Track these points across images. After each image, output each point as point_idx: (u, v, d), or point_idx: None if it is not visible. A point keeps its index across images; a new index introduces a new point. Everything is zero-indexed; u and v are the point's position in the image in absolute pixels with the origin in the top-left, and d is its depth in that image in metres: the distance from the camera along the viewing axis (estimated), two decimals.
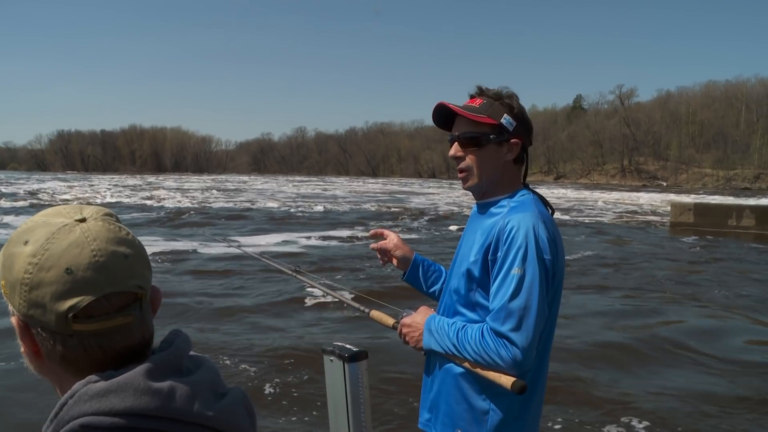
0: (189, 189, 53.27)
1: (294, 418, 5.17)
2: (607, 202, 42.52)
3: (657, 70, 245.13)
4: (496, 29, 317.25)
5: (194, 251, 14.51)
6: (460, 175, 2.13)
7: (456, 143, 2.11)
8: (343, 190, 57.75)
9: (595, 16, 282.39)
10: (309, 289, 9.46)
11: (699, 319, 8.84)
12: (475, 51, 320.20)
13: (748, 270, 13.50)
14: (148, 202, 33.97)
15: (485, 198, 2.13)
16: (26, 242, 0.91)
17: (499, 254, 1.94)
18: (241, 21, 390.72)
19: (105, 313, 0.90)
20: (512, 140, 2.08)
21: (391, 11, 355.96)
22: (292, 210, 29.94)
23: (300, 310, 8.91)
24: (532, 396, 2.03)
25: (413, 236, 19.02)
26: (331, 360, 2.03)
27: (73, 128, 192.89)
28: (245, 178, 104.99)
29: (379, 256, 2.49)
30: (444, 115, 2.16)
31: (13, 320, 0.93)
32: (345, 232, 19.57)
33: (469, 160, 2.10)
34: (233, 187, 58.90)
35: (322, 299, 9.12)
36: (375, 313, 2.30)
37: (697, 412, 5.38)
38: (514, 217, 1.96)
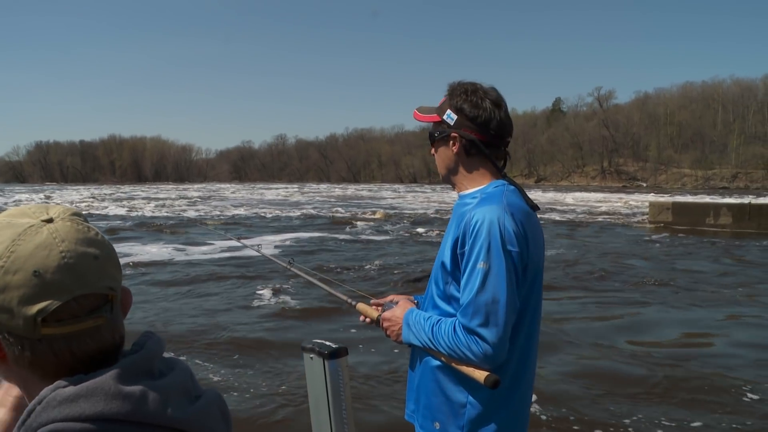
0: (158, 198, 53.24)
1: (275, 417, 5.15)
2: (587, 201, 42.80)
3: (635, 72, 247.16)
4: (475, 34, 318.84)
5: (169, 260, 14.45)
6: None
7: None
8: (307, 196, 57.95)
9: (572, 19, 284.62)
10: (262, 290, 9.47)
11: (639, 313, 8.98)
12: (455, 55, 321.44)
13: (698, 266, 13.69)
14: (121, 212, 34.02)
15: (459, 192, 2.15)
16: None
17: (465, 248, 1.94)
18: (219, 29, 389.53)
19: (74, 316, 0.88)
20: (452, 134, 2.10)
21: (370, 18, 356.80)
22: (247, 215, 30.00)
23: (271, 307, 8.95)
24: (514, 390, 2.03)
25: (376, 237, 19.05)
26: (311, 357, 2.02)
27: (51, 139, 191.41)
28: (224, 185, 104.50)
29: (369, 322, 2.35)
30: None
31: None
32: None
33: (436, 157, 2.19)
34: (198, 195, 59.03)
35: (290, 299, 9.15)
36: (361, 306, 2.31)
37: (590, 394, 5.59)
38: (479, 211, 1.95)
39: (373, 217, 29.66)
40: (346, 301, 2.37)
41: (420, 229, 22.47)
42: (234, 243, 16.48)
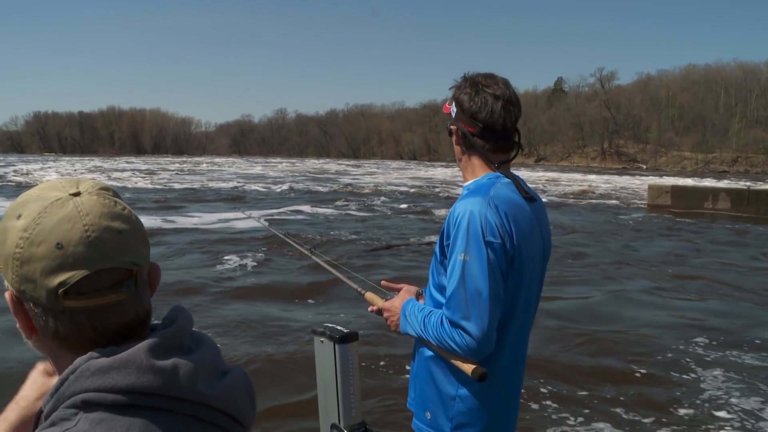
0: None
1: (284, 399, 5.19)
2: (582, 182, 42.85)
3: (637, 54, 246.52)
4: (478, 12, 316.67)
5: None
6: None
7: None
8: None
9: None
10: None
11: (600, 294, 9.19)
12: (456, 33, 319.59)
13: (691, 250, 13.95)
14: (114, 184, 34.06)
15: (463, 183, 2.16)
16: (19, 216, 0.89)
17: (449, 240, 1.95)
18: (221, 2, 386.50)
19: (96, 290, 0.88)
20: (451, 126, 2.13)
21: None
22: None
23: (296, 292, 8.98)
24: (505, 384, 2.05)
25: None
26: (322, 341, 2.03)
27: (50, 110, 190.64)
28: (220, 159, 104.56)
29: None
30: None
31: (7, 295, 0.92)
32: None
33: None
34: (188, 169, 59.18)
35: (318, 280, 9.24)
36: (369, 295, 2.33)
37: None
38: (461, 203, 1.97)
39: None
40: (356, 290, 2.40)
41: (375, 202, 22.64)
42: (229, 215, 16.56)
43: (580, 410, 5.10)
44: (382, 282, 2.38)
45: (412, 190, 33.09)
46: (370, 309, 2.31)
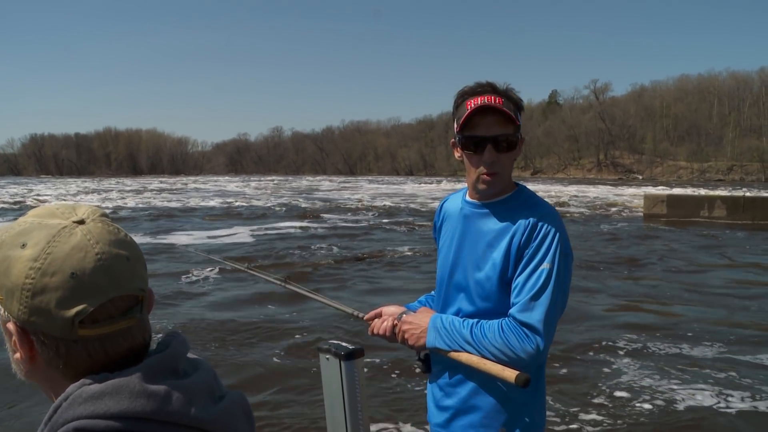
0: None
1: (291, 417, 5.18)
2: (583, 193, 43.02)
3: (631, 65, 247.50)
4: (472, 27, 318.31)
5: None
6: (488, 178, 2.05)
7: (490, 146, 2.02)
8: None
9: (569, 12, 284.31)
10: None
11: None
12: (451, 48, 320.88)
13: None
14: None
15: (495, 197, 2.10)
16: (23, 245, 0.88)
17: (528, 249, 1.96)
18: (216, 22, 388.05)
19: (110, 317, 0.89)
20: (522, 138, 2.11)
21: (365, 10, 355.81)
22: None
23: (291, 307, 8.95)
24: (538, 385, 2.08)
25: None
26: (327, 358, 2.03)
27: (46, 131, 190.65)
28: (219, 178, 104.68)
29: (384, 334, 2.19)
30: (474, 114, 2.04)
31: (10, 326, 0.89)
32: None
33: (503, 162, 2.06)
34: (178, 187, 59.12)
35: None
36: (369, 317, 2.27)
37: None
38: (544, 214, 2.01)
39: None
40: (352, 315, 2.31)
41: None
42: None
43: None
44: (366, 317, 2.27)
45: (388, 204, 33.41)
46: (375, 331, 2.20)
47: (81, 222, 0.91)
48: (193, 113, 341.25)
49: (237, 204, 34.39)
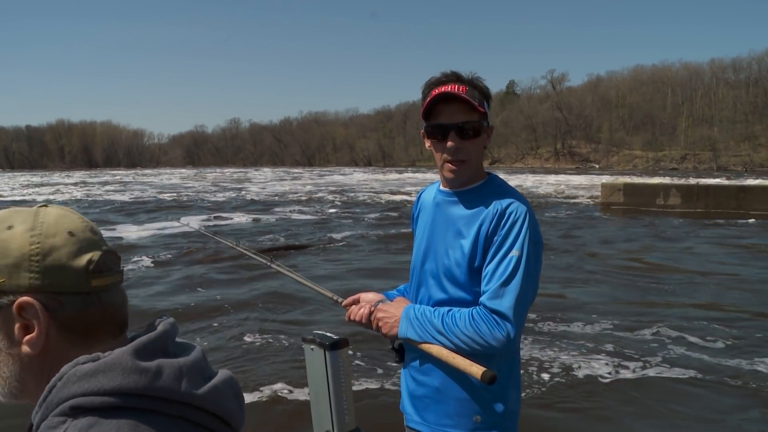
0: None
1: (276, 407, 5.20)
2: (541, 183, 43.57)
3: (587, 55, 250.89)
4: (427, 17, 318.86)
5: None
6: (453, 166, 2.07)
7: (453, 133, 2.03)
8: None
9: (525, 1, 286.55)
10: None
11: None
12: (407, 39, 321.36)
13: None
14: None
15: (465, 186, 2.12)
16: (10, 227, 0.92)
17: (496, 237, 1.97)
18: (170, 14, 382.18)
19: (109, 269, 0.95)
20: (489, 127, 2.12)
21: (321, 1, 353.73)
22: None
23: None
24: (511, 372, 2.09)
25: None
26: (312, 348, 2.01)
27: None
28: (178, 171, 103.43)
29: (360, 320, 2.19)
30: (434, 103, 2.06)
31: (24, 300, 0.90)
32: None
33: (468, 150, 2.06)
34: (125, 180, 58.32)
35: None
36: (347, 303, 2.28)
37: None
38: (512, 202, 2.02)
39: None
40: (332, 299, 2.31)
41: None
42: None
43: None
44: (344, 302, 2.28)
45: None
46: (351, 317, 2.20)
47: (44, 206, 0.98)
48: (148, 105, 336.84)
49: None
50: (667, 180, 29.53)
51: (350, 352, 2.11)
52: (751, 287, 9.68)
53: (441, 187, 2.20)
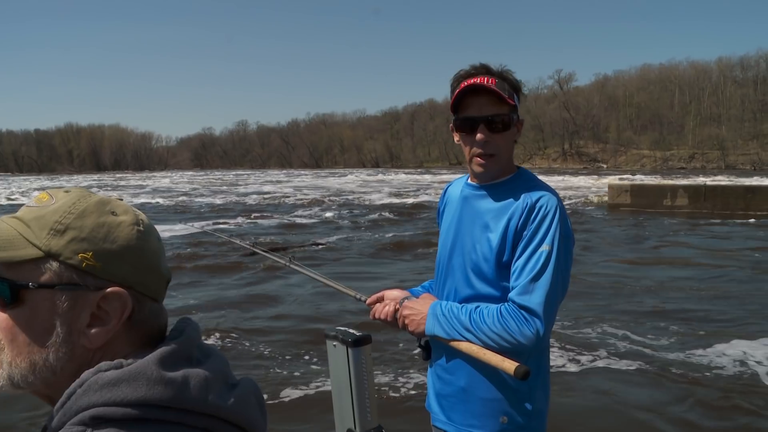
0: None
1: (299, 405, 5.24)
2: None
3: (594, 55, 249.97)
4: (432, 17, 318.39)
5: None
6: (482, 160, 2.03)
7: (483, 125, 1.99)
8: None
9: (532, 1, 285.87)
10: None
11: None
12: (413, 39, 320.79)
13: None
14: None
15: (495, 179, 2.08)
16: (114, 212, 0.91)
17: (526, 232, 1.93)
18: (177, 16, 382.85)
19: (167, 282, 0.97)
20: (520, 120, 2.08)
21: (328, 2, 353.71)
22: None
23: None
24: (539, 370, 2.05)
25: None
26: (335, 345, 2.02)
27: (4, 128, 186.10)
28: (185, 173, 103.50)
29: (385, 318, 2.14)
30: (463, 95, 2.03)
31: (114, 290, 0.88)
32: None
33: (498, 143, 2.02)
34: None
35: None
36: (372, 300, 2.23)
37: None
38: (542, 195, 1.97)
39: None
40: (354, 297, 2.27)
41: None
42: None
43: None
44: (368, 301, 2.24)
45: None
46: (376, 316, 2.15)
47: (121, 199, 0.99)
48: (156, 108, 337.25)
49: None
50: (674, 180, 29.40)
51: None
52: (700, 285, 9.95)
53: (469, 181, 2.16)
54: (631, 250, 13.80)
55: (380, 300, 2.20)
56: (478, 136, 1.99)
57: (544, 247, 1.89)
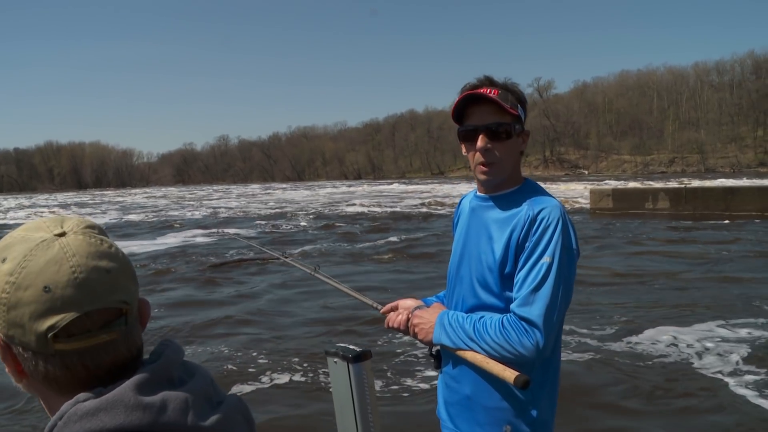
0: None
1: (300, 420, 5.19)
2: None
3: (573, 62, 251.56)
4: (412, 30, 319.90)
5: None
6: (485, 168, 2.06)
7: (483, 134, 2.03)
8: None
9: (509, 10, 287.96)
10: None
11: None
12: (393, 51, 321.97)
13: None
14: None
15: (498, 190, 2.11)
16: (4, 260, 0.87)
17: (528, 243, 1.94)
18: (154, 33, 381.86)
19: (87, 331, 0.87)
20: (525, 131, 2.11)
21: (305, 16, 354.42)
22: None
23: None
24: (545, 380, 2.05)
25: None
26: (335, 361, 2.03)
27: None
28: (167, 189, 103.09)
29: (398, 327, 2.19)
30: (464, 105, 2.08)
31: None
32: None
33: (499, 152, 2.04)
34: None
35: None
36: (386, 310, 2.29)
37: None
38: (544, 207, 1.98)
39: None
40: (371, 306, 2.33)
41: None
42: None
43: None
44: (383, 310, 2.30)
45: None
46: (390, 324, 2.21)
47: (62, 234, 0.89)
48: (137, 124, 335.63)
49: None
50: (655, 183, 29.61)
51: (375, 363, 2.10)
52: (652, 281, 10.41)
53: (477, 193, 2.20)
54: (594, 250, 14.20)
55: (394, 309, 2.25)
56: (479, 144, 2.02)
57: (545, 259, 1.90)
